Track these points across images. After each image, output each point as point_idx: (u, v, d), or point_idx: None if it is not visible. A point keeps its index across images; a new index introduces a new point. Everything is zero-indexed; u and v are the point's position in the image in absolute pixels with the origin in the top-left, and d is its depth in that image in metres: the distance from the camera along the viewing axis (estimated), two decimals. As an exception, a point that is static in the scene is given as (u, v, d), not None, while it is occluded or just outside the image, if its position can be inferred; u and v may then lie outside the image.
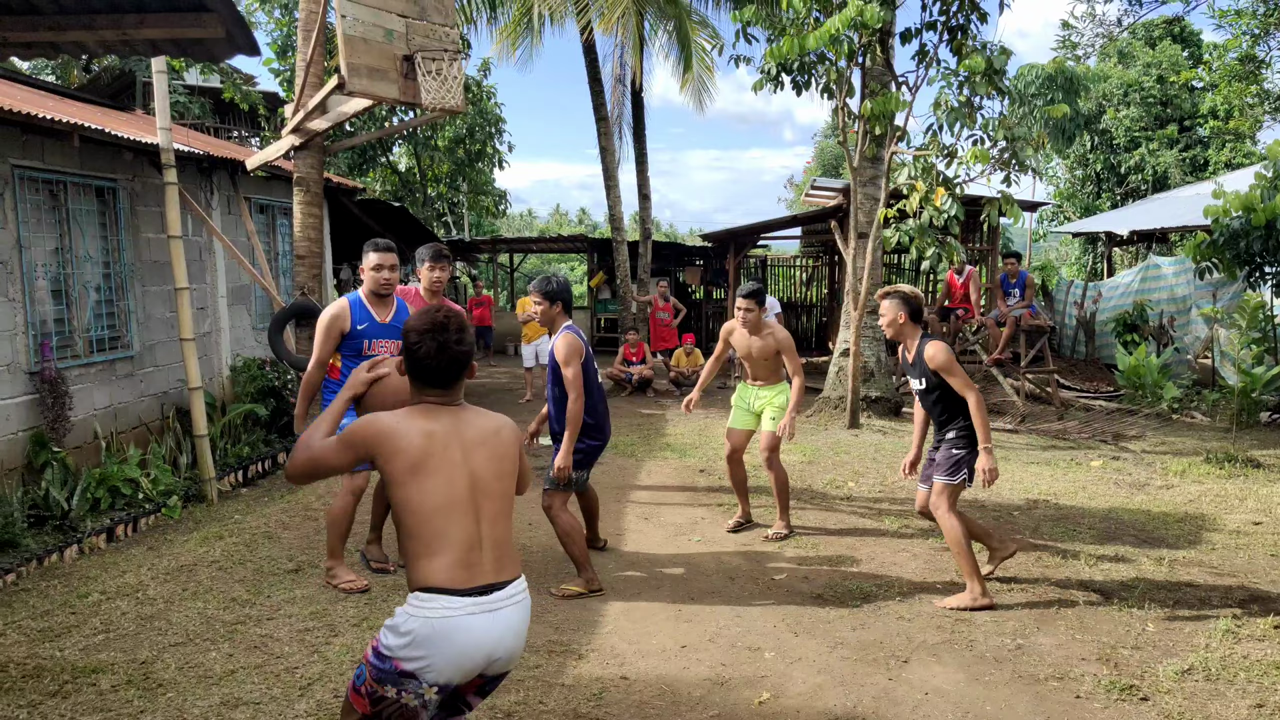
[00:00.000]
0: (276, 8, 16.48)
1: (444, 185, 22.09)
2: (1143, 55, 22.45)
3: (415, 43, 6.62)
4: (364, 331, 4.77)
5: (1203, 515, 6.42)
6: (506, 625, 2.38)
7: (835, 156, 31.59)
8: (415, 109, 7.06)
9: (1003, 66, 8.67)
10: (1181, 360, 12.82)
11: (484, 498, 2.43)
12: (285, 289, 10.30)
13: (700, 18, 17.96)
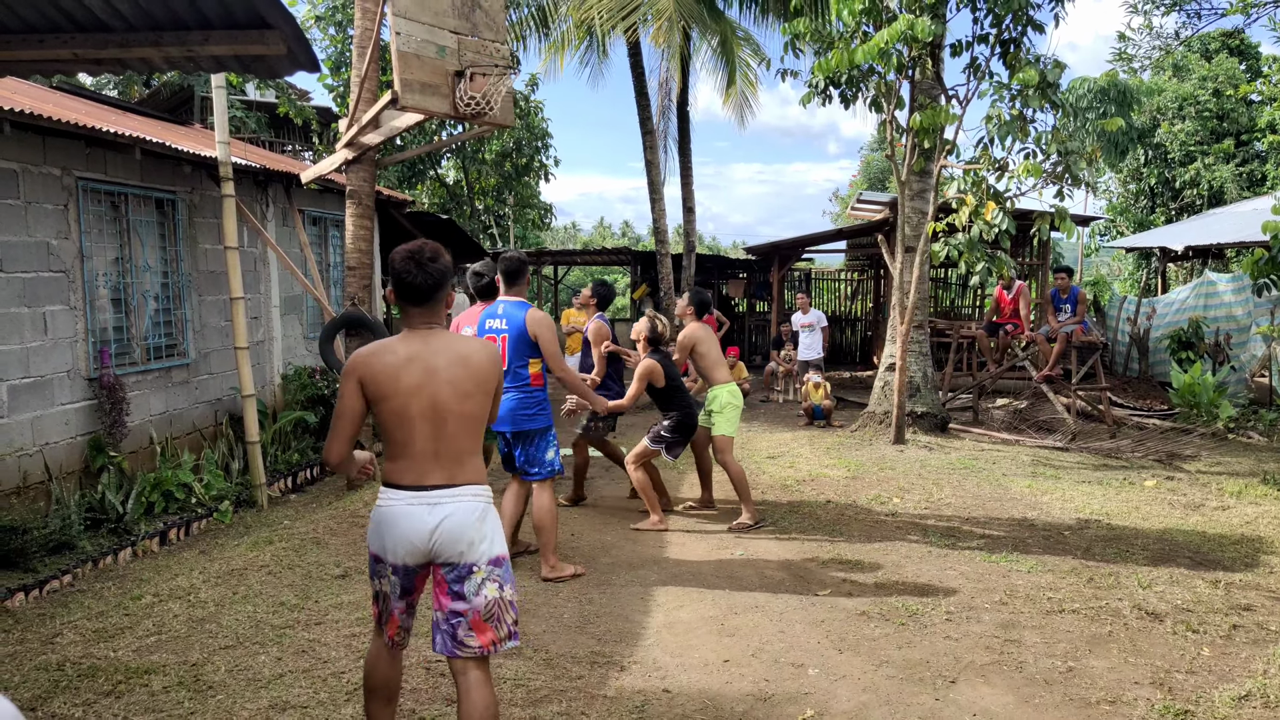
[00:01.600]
0: (331, 25, 16.84)
1: (490, 198, 22.34)
2: (1198, 68, 21.99)
3: (466, 59, 6.72)
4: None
5: (1260, 537, 6.24)
6: (443, 516, 2.80)
7: (881, 170, 31.35)
8: (465, 123, 7.15)
9: (1056, 79, 8.55)
10: (1238, 379, 12.48)
11: (445, 415, 2.82)
12: (336, 299, 10.49)
13: (745, 33, 17.99)
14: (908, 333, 9.80)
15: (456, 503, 2.83)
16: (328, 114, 18.25)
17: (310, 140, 18.44)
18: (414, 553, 2.83)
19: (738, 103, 18.47)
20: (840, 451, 9.32)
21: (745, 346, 19.85)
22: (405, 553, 2.83)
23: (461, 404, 2.84)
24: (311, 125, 16.98)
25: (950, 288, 19.24)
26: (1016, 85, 8.57)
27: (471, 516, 2.84)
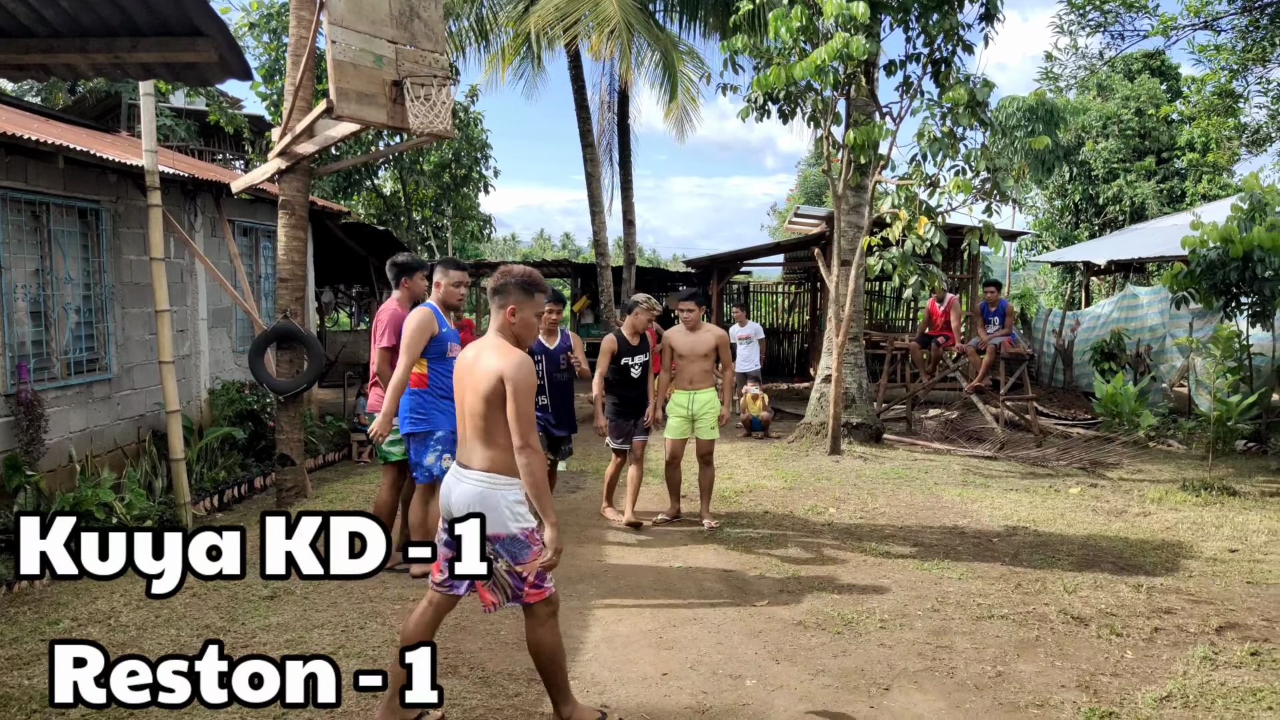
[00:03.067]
0: (265, 32, 16.54)
1: (429, 209, 22.11)
2: (1122, 88, 22.84)
3: (405, 68, 6.66)
4: (446, 335, 5.30)
5: (1180, 543, 6.46)
6: (457, 488, 3.42)
7: (818, 185, 31.87)
8: (403, 133, 7.09)
9: (985, 98, 8.80)
10: (1158, 389, 12.95)
11: (468, 411, 3.43)
12: (267, 312, 10.27)
13: (687, 48, 18.16)
14: (843, 345, 9.95)
15: (466, 482, 3.40)
16: (260, 122, 17.90)
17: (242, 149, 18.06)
18: (445, 511, 3.49)
19: (679, 117, 18.61)
20: (778, 462, 9.41)
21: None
22: (444, 510, 3.50)
23: (476, 405, 3.37)
24: (243, 134, 16.62)
25: (884, 300, 19.61)
26: (947, 104, 8.80)
27: (470, 496, 3.37)
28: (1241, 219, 9.54)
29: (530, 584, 3.39)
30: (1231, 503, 7.72)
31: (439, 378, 5.24)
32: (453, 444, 5.08)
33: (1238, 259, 9.15)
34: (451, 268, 5.38)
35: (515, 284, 3.46)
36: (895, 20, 9.18)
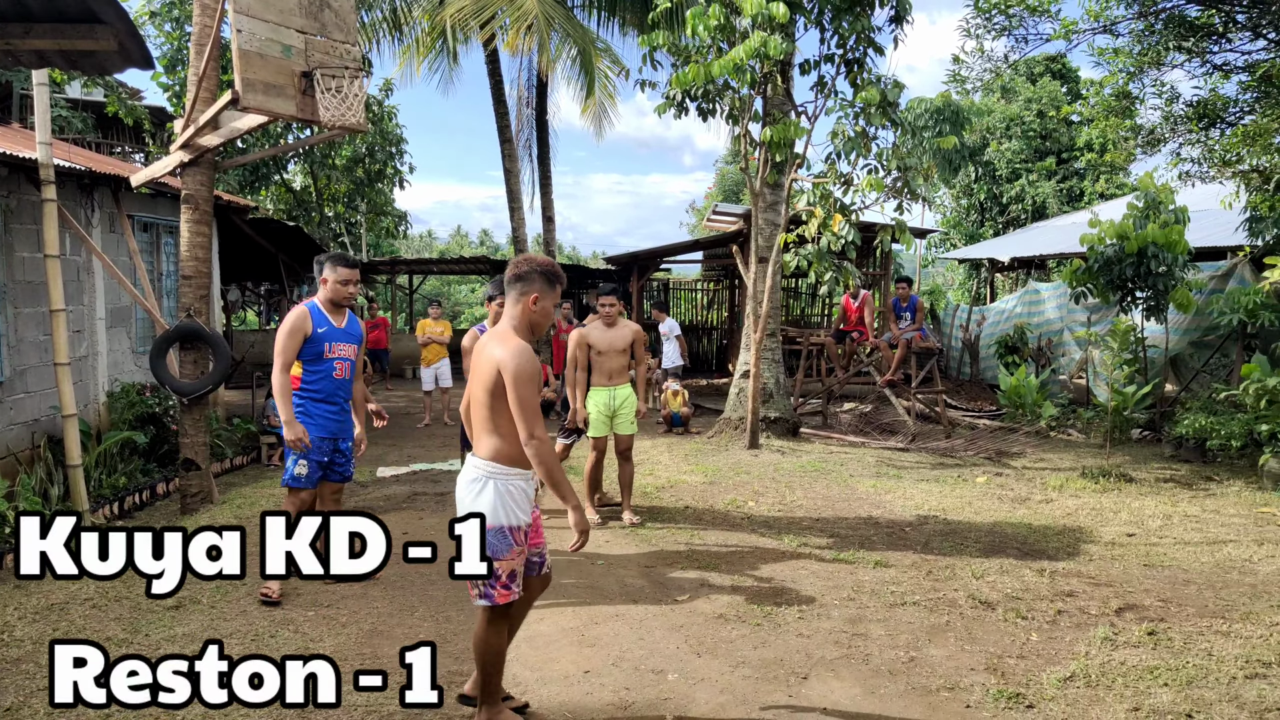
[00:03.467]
0: (168, 21, 15.91)
1: (341, 205, 21.61)
2: (1024, 91, 23.69)
3: (315, 59, 6.48)
4: (324, 335, 5.02)
5: (1080, 528, 6.75)
6: (462, 476, 3.45)
7: (736, 182, 32.23)
8: (314, 126, 6.90)
9: (896, 99, 9.02)
10: (1058, 380, 13.49)
11: (474, 402, 3.46)
12: (169, 311, 9.89)
13: (604, 45, 18.13)
14: (761, 341, 10.09)
15: (467, 466, 3.43)
16: (162, 114, 17.23)
17: (142, 142, 17.35)
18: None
19: (596, 113, 18.58)
20: (698, 458, 9.49)
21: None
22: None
23: (480, 394, 3.40)
24: (144, 126, 15.96)
25: (801, 297, 19.96)
26: (860, 103, 8.99)
27: (464, 482, 3.41)
28: (1136, 217, 10.00)
29: (501, 583, 3.35)
30: (1128, 489, 8.09)
31: (314, 380, 5.01)
32: (312, 450, 4.92)
33: (1133, 255, 9.59)
34: (340, 264, 5.11)
35: (540, 273, 3.44)
36: (810, 21, 9.35)
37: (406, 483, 8.37)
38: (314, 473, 5.00)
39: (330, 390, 5.06)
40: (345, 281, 5.10)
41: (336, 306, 5.14)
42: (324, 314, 5.08)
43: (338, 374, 5.08)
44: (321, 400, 5.03)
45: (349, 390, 5.18)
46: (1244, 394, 8.68)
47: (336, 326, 5.10)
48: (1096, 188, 22.22)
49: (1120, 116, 8.68)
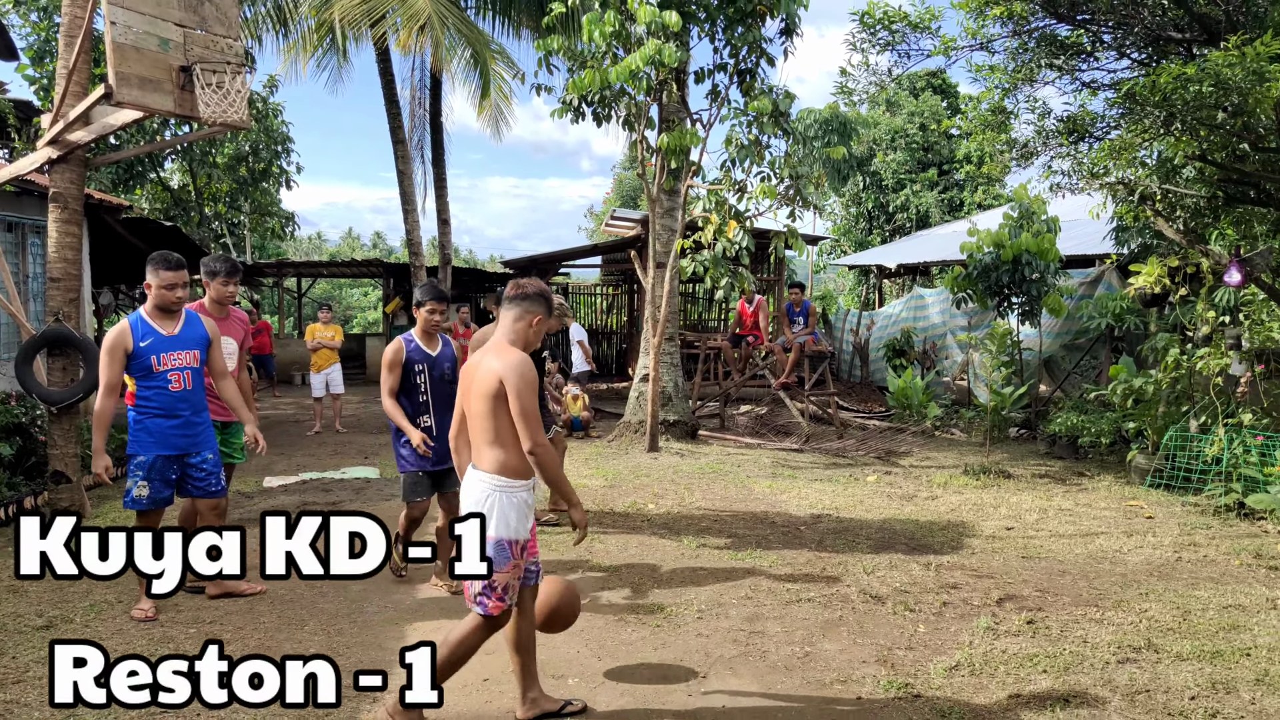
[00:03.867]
0: (34, 10, 15.00)
1: (223, 205, 20.79)
2: (908, 104, 24.64)
3: (194, 53, 6.23)
4: (149, 347, 4.66)
5: (963, 523, 7.04)
6: (468, 487, 3.48)
7: (633, 188, 32.44)
8: (193, 123, 6.62)
9: (787, 109, 9.25)
10: (942, 382, 14.06)
11: (472, 414, 3.48)
12: (36, 315, 9.31)
13: (499, 47, 17.98)
14: (660, 345, 10.18)
15: (470, 479, 3.48)
16: (28, 108, 16.19)
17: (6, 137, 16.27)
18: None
19: (492, 115, 18.41)
20: (598, 461, 9.50)
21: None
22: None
23: (475, 405, 3.45)
24: (8, 120, 14.97)
25: (698, 302, 20.23)
26: (753, 112, 9.18)
27: (470, 493, 3.46)
28: (1011, 226, 10.52)
29: (497, 595, 3.43)
30: (1007, 485, 8.49)
31: (149, 395, 4.67)
32: (152, 470, 4.64)
33: (1008, 263, 10.08)
34: (161, 266, 4.67)
35: (544, 298, 3.64)
36: (703, 30, 9.49)
37: (295, 492, 8.10)
38: (156, 494, 4.67)
39: (169, 404, 4.69)
40: (170, 285, 4.68)
41: (166, 313, 4.75)
42: (150, 324, 4.69)
43: (174, 386, 4.70)
44: (160, 415, 4.67)
45: (196, 401, 4.80)
46: (1112, 394, 9.23)
47: (166, 335, 4.70)
48: (975, 198, 23.28)
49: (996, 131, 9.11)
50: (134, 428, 4.66)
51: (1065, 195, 9.06)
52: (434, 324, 5.24)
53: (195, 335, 4.83)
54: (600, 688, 3.98)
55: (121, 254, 13.29)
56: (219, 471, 4.93)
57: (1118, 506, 7.65)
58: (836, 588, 5.37)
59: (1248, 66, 5.66)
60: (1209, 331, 8.81)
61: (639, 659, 4.29)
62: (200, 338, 4.86)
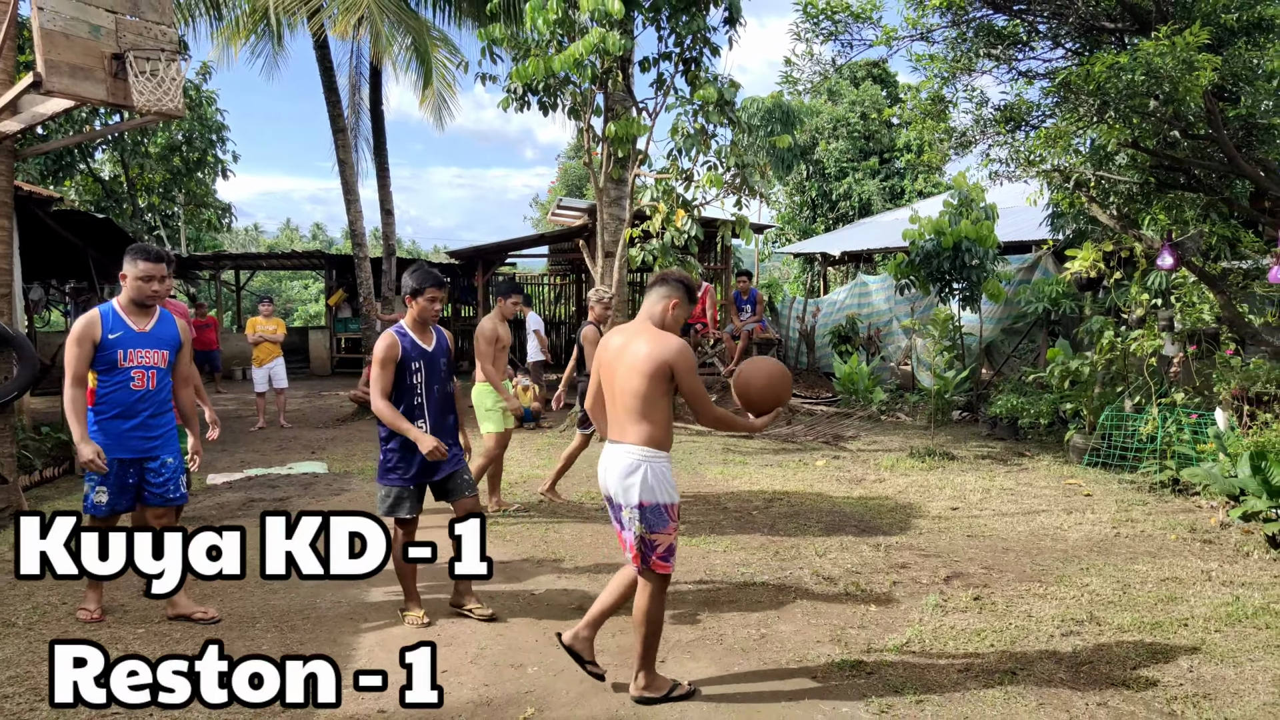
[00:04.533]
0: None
1: (157, 196, 20.21)
2: (849, 94, 24.91)
3: (127, 40, 6.05)
4: (117, 341, 4.42)
5: (911, 504, 7.19)
6: (613, 462, 3.71)
7: (578, 177, 32.32)
8: (124, 112, 6.44)
9: (732, 98, 9.31)
10: (887, 367, 14.31)
11: (619, 392, 3.69)
12: (-37, 310, 8.96)
13: (440, 34, 17.75)
14: (609, 334, 10.18)
15: (616, 452, 3.71)
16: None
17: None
18: (603, 486, 3.80)
19: (435, 104, 18.18)
20: (551, 452, 9.49)
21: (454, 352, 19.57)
22: (603, 485, 3.80)
23: (626, 383, 3.66)
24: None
25: (644, 291, 20.23)
26: (698, 101, 9.22)
27: (619, 467, 3.67)
28: (951, 213, 10.72)
29: (659, 555, 3.66)
30: (951, 466, 8.69)
31: (108, 392, 4.43)
32: (108, 475, 4.37)
33: (949, 249, 10.28)
34: (141, 257, 4.46)
35: (685, 285, 3.86)
36: (647, 19, 9.49)
37: (241, 489, 7.95)
38: (116, 500, 4.44)
39: (128, 403, 4.45)
40: (148, 277, 4.45)
41: (141, 307, 4.53)
42: (121, 317, 4.48)
43: (136, 384, 4.46)
44: (118, 416, 4.44)
45: (158, 403, 4.57)
46: (1049, 376, 9.49)
47: (137, 330, 4.48)
48: (915, 186, 23.67)
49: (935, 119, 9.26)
50: (91, 429, 4.42)
51: (1003, 183, 9.26)
52: (434, 314, 4.74)
53: (168, 335, 4.61)
54: (559, 676, 3.99)
55: (52, 248, 12.86)
56: (179, 477, 4.67)
57: (1057, 485, 7.87)
58: (790, 570, 5.46)
59: (1178, 56, 5.86)
60: (1142, 314, 9.10)
61: (598, 645, 4.31)
62: (173, 338, 4.63)
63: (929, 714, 3.61)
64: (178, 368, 4.70)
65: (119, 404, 4.45)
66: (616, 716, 3.63)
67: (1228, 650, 4.17)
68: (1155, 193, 8.15)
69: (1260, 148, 7.10)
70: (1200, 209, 8.19)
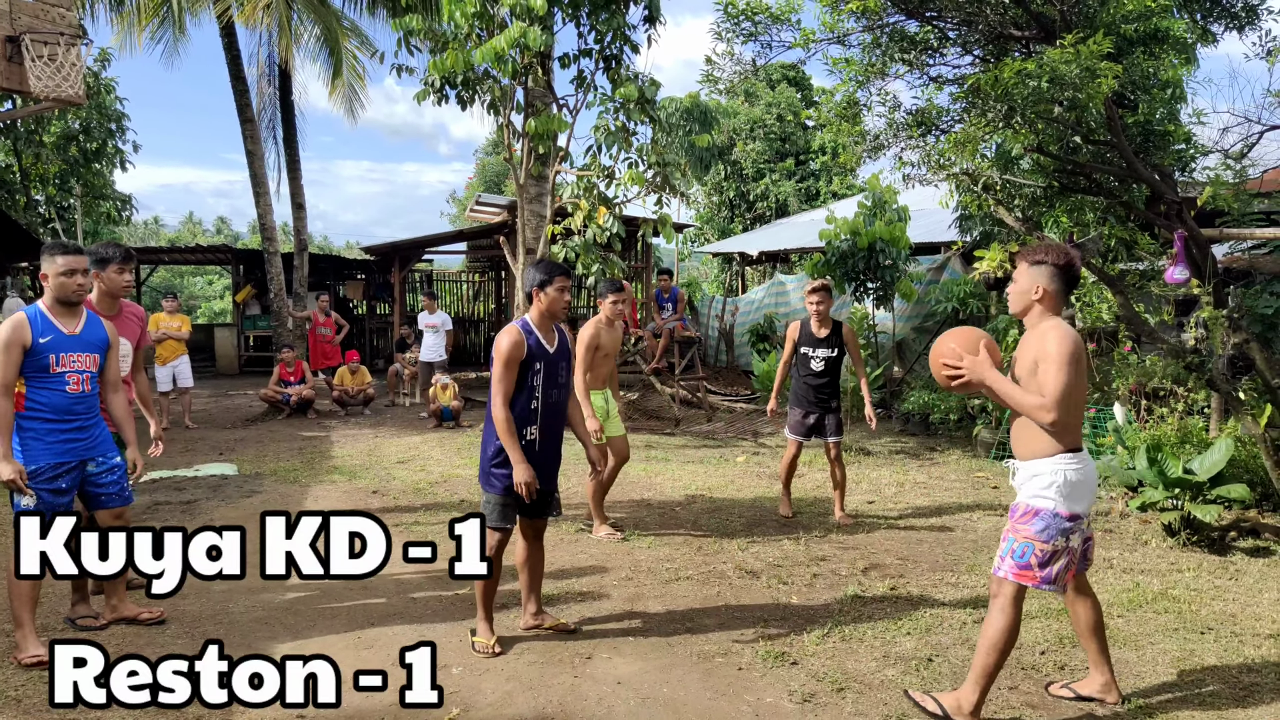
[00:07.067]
0: None
1: (52, 187, 19.24)
2: (765, 95, 25.27)
3: (22, 23, 5.77)
4: (49, 345, 4.12)
5: (828, 498, 7.32)
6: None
7: (497, 174, 32.00)
8: (20, 98, 6.12)
9: (653, 96, 9.34)
10: (805, 365, 14.55)
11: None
12: None
13: (351, 23, 17.37)
14: (530, 331, 10.10)
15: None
16: None
17: None
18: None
19: (346, 95, 17.80)
20: (471, 451, 9.37)
21: (367, 350, 19.19)
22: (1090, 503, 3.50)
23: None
24: None
25: (565, 289, 20.15)
26: (619, 99, 9.22)
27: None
28: (866, 215, 10.98)
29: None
30: (867, 461, 8.90)
31: (43, 398, 4.13)
32: (38, 477, 4.07)
33: (864, 250, 10.53)
34: (58, 252, 4.17)
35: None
36: (567, 15, 9.44)
37: (145, 491, 7.62)
38: (45, 503, 4.10)
39: (65, 407, 4.19)
40: (70, 271, 4.14)
41: (67, 306, 4.22)
42: (50, 320, 4.18)
43: (72, 389, 4.21)
44: (53, 420, 4.16)
45: (92, 404, 4.33)
46: (958, 372, 9.78)
47: (67, 333, 4.20)
48: (831, 188, 24.15)
49: (850, 122, 9.44)
50: (21, 434, 4.12)
51: (915, 185, 9.50)
52: (565, 307, 4.35)
53: (97, 338, 4.32)
54: (484, 675, 3.95)
55: (-66, 239, 12.13)
56: (122, 476, 4.43)
57: (967, 478, 8.14)
58: (713, 565, 5.51)
59: (1081, 64, 6.10)
60: (1045, 313, 9.45)
61: (522, 644, 4.28)
62: (101, 341, 4.34)
63: (850, 702, 3.69)
64: (105, 373, 4.40)
65: (54, 408, 4.16)
66: (544, 712, 3.61)
67: (1130, 634, 4.38)
68: (1058, 196, 8.47)
69: (1156, 153, 7.46)
70: (1100, 212, 8.55)
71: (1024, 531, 3.38)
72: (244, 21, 14.60)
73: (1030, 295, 3.46)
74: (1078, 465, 3.35)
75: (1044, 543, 3.34)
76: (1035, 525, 3.36)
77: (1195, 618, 4.59)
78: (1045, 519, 3.35)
